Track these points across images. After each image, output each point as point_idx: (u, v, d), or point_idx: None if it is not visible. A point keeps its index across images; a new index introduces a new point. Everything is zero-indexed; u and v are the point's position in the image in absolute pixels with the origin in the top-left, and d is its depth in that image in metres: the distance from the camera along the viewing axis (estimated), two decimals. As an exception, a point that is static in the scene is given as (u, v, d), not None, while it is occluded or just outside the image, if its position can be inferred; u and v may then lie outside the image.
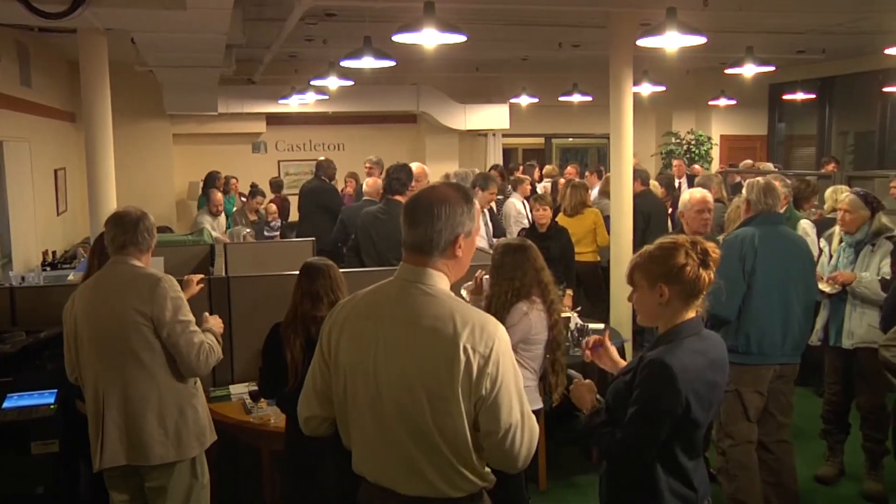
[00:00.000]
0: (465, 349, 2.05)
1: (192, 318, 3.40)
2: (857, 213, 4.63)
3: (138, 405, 3.29)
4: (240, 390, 4.43)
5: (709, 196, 4.98)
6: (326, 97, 11.29)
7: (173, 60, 8.23)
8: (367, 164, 8.54)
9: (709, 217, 4.89)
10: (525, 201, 8.36)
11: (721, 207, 7.01)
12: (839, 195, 5.37)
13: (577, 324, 4.96)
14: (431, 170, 7.98)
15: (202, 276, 4.00)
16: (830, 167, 10.45)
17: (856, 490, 4.84)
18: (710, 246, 2.43)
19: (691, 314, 2.43)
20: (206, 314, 3.67)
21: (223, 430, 3.82)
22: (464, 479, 2.15)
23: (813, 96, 13.02)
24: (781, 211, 5.25)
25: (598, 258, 7.32)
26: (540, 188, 9.77)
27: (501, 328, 2.14)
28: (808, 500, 4.42)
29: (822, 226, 5.91)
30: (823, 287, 4.62)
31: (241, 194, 11.49)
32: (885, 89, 11.61)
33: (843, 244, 4.78)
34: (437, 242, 2.15)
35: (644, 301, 2.45)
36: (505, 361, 2.10)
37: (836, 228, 4.89)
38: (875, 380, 4.71)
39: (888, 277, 4.50)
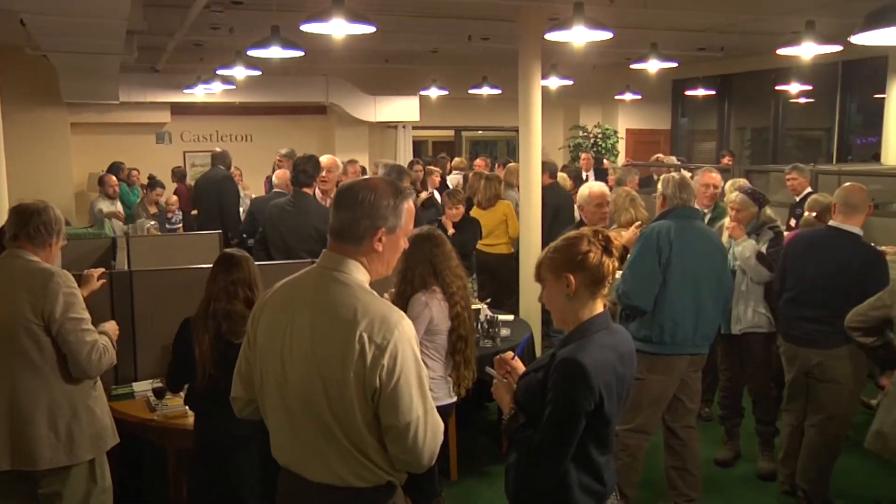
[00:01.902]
0: (360, 337, 2.05)
1: (86, 315, 3.26)
2: (747, 210, 4.86)
3: (27, 407, 3.14)
4: (144, 388, 4.29)
5: (606, 190, 5.15)
6: (233, 87, 11.05)
7: (69, 45, 7.84)
8: (278, 157, 8.48)
9: (607, 210, 5.03)
10: (434, 192, 8.40)
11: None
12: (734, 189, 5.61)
13: (486, 315, 5.00)
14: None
15: (102, 270, 3.86)
16: (726, 160, 10.90)
17: (751, 470, 5.06)
18: (612, 234, 2.49)
19: (599, 308, 2.46)
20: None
21: (127, 430, 3.70)
22: (367, 469, 2.15)
23: (713, 93, 13.51)
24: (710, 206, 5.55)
25: (512, 250, 7.40)
26: (450, 180, 9.80)
27: (406, 323, 2.13)
28: (708, 483, 4.58)
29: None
30: None
31: (143, 186, 11.13)
32: (778, 88, 12.15)
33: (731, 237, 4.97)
34: (357, 230, 2.16)
35: (553, 295, 2.46)
36: (405, 355, 2.08)
37: (725, 221, 5.09)
38: (761, 364, 4.95)
39: (763, 251, 4.77)
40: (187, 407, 3.71)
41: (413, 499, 3.81)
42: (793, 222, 6.36)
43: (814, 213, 5.21)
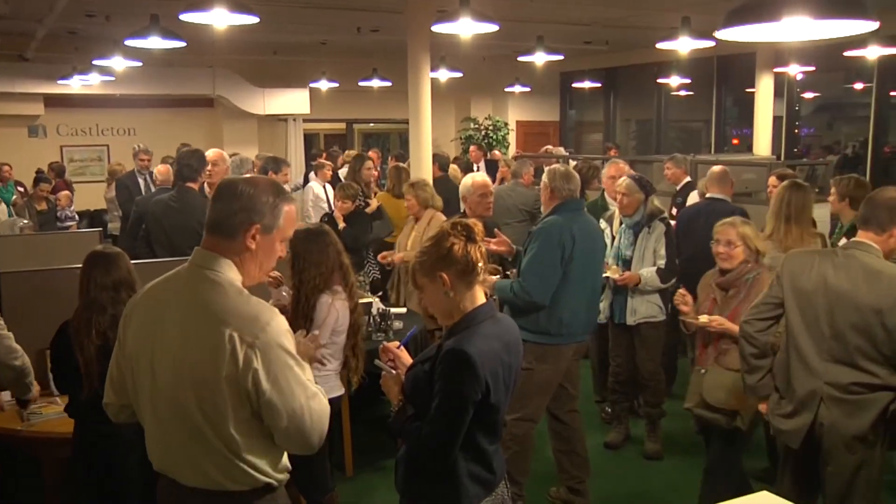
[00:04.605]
0: (230, 338, 2.01)
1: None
2: (633, 196, 4.97)
3: None
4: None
5: (489, 180, 5.19)
6: (112, 78, 10.57)
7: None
8: (145, 156, 8.40)
9: (491, 201, 5.07)
10: (325, 186, 8.33)
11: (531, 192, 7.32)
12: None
13: (378, 309, 4.98)
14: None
15: None
16: (612, 152, 11.25)
17: (640, 451, 5.24)
18: (471, 222, 2.50)
19: (482, 298, 2.48)
20: None
21: (-4, 442, 3.49)
22: (241, 472, 2.10)
23: (599, 85, 13.89)
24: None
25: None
26: (342, 174, 9.71)
27: (278, 319, 2.10)
28: (597, 465, 4.70)
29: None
30: (612, 275, 4.93)
31: (18, 183, 10.52)
32: (660, 81, 12.60)
33: (622, 226, 5.11)
34: (232, 222, 2.11)
35: (433, 297, 2.47)
36: (278, 354, 2.05)
37: (616, 210, 5.23)
38: (654, 350, 5.13)
39: (662, 266, 4.91)
40: (66, 414, 3.53)
41: (305, 496, 3.77)
42: (674, 211, 6.60)
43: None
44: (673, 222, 5.50)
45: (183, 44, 6.29)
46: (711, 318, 3.77)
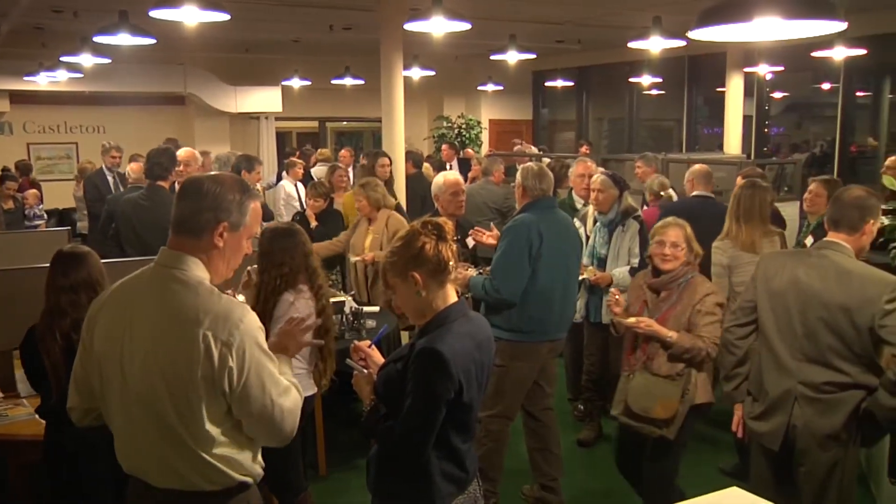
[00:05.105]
0: (204, 337, 2.00)
1: None
2: (607, 191, 4.99)
3: None
4: (-24, 398, 3.98)
5: (460, 178, 5.19)
6: (80, 75, 10.43)
7: None
8: (116, 153, 8.26)
9: (462, 199, 5.06)
10: (297, 185, 8.30)
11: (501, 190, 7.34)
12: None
13: (351, 307, 4.97)
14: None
15: None
16: (584, 149, 11.32)
17: (611, 449, 5.25)
18: (441, 220, 2.49)
19: (453, 297, 2.47)
20: None
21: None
22: (216, 470, 2.10)
23: (571, 84, 13.95)
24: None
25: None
26: (315, 172, 9.67)
27: (249, 315, 2.10)
28: (570, 462, 4.73)
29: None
30: (588, 276, 4.95)
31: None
32: (632, 80, 12.69)
33: (597, 224, 5.13)
34: (198, 221, 2.10)
35: (405, 297, 2.46)
36: (252, 350, 2.07)
37: (590, 209, 5.24)
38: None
39: (636, 265, 4.91)
40: (37, 416, 3.48)
41: (278, 495, 3.74)
42: (644, 209, 6.65)
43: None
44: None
45: (153, 41, 6.22)
46: (639, 319, 3.67)
